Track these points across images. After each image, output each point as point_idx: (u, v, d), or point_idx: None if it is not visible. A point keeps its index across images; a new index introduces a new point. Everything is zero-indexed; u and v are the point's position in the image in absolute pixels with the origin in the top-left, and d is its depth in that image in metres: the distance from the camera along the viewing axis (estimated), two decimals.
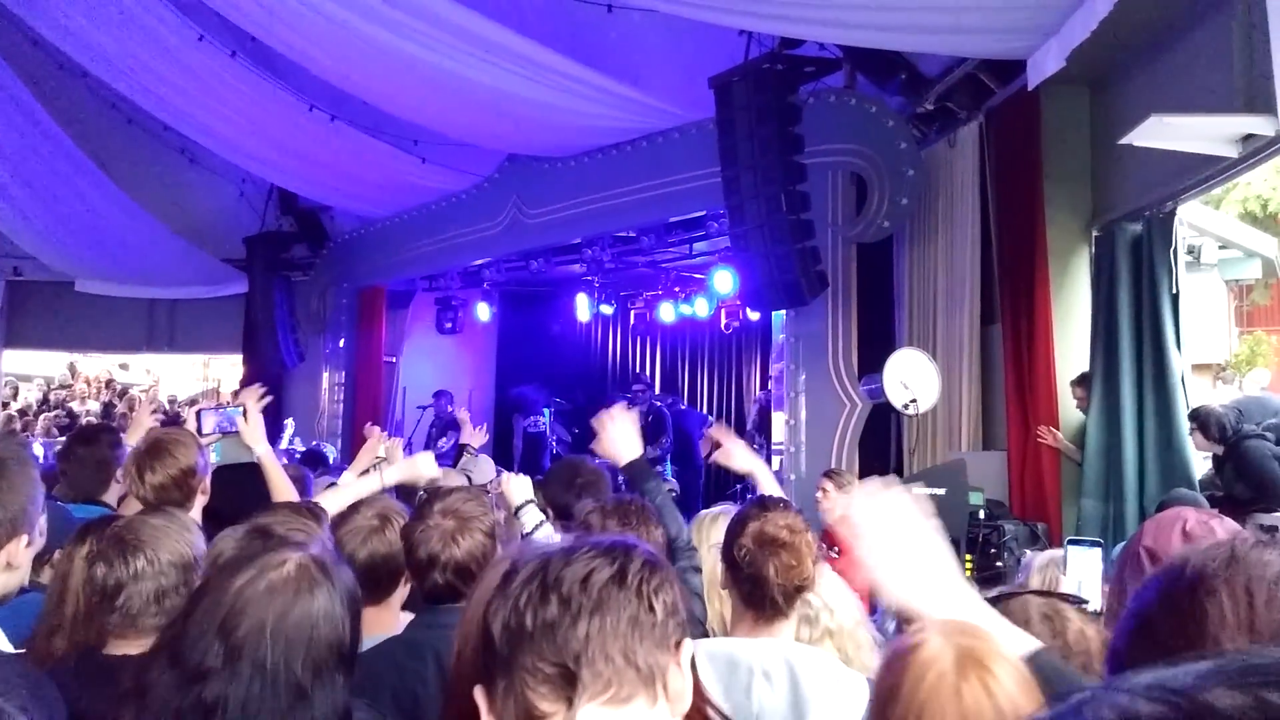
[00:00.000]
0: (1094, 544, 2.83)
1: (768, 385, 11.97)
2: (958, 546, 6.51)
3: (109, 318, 16.80)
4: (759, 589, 2.69)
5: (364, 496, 3.74)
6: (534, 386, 14.73)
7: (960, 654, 1.58)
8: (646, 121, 9.80)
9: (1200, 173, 6.14)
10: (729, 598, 2.90)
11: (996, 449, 7.80)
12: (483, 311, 15.00)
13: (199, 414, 4.35)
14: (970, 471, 6.68)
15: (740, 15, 7.53)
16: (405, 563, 2.94)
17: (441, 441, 12.81)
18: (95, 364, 20.39)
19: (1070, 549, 2.87)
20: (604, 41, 8.57)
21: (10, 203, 13.35)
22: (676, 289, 14.03)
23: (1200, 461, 6.82)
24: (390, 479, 4.24)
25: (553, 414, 14.33)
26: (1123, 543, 2.67)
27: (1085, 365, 7.15)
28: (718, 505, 4.34)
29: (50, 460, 6.19)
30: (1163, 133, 5.66)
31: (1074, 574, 2.77)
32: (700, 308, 13.29)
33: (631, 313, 15.87)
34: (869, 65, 8.26)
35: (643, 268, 13.15)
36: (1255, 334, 14.80)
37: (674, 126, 9.80)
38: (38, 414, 17.40)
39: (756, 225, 8.02)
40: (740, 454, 4.11)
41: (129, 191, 13.49)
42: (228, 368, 19.57)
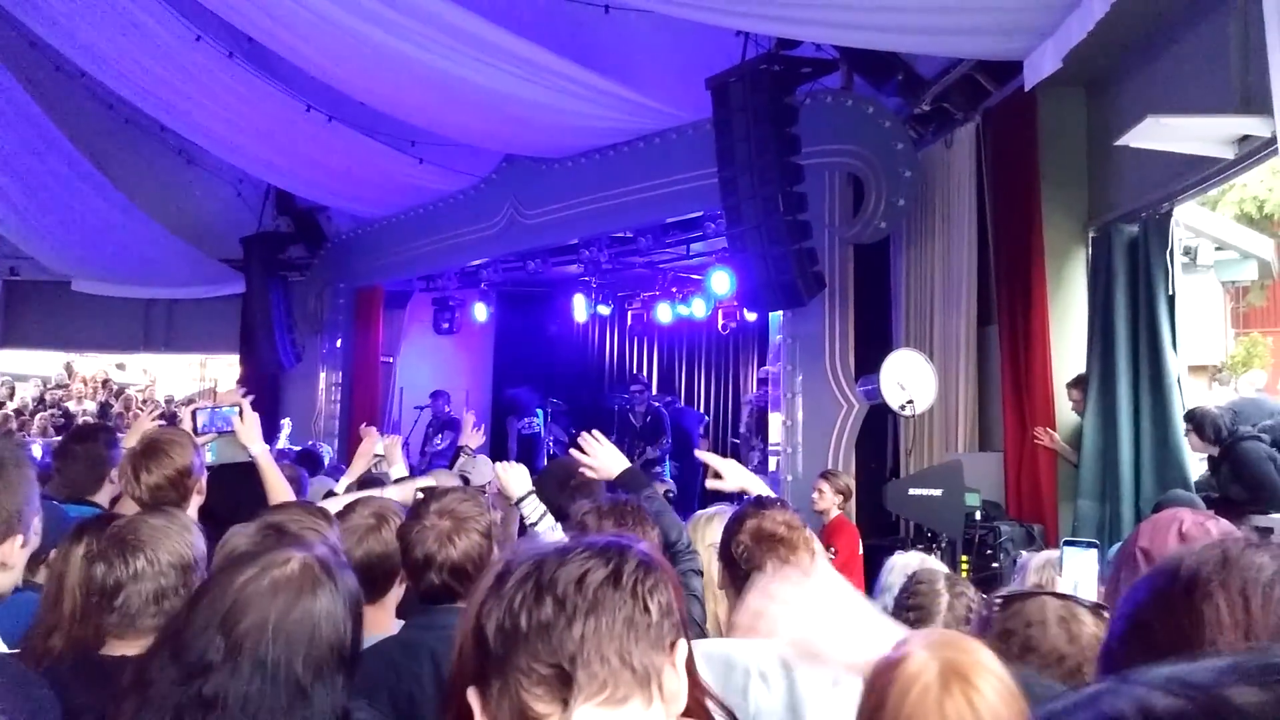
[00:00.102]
0: (1090, 545, 2.82)
1: (764, 386, 11.97)
2: (954, 547, 6.52)
3: (106, 317, 16.82)
4: None
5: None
6: (527, 388, 14.73)
7: (944, 667, 1.58)
8: (643, 122, 9.80)
9: (1197, 174, 6.15)
10: (726, 598, 2.89)
11: (993, 450, 7.80)
12: (480, 312, 14.99)
13: (194, 413, 4.34)
14: (967, 472, 6.69)
15: (737, 16, 7.53)
16: (401, 562, 2.94)
17: (438, 440, 12.82)
18: (92, 364, 20.36)
19: (1066, 550, 2.86)
20: (601, 42, 8.56)
21: (7, 202, 13.36)
22: (674, 290, 14.04)
23: (1196, 463, 6.82)
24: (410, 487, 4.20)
25: (550, 415, 14.34)
26: (1118, 544, 2.67)
27: (1082, 366, 7.15)
28: (714, 506, 4.34)
29: (46, 459, 6.19)
30: (1159, 134, 5.66)
31: (1070, 575, 2.76)
32: (697, 308, 13.29)
33: (629, 313, 15.86)
34: (866, 66, 8.27)
35: (640, 268, 13.14)
36: (1251, 335, 14.81)
37: (671, 127, 9.80)
38: (34, 413, 17.37)
39: (753, 226, 8.01)
40: (732, 473, 3.90)
41: (126, 192, 13.50)
42: (225, 368, 19.56)
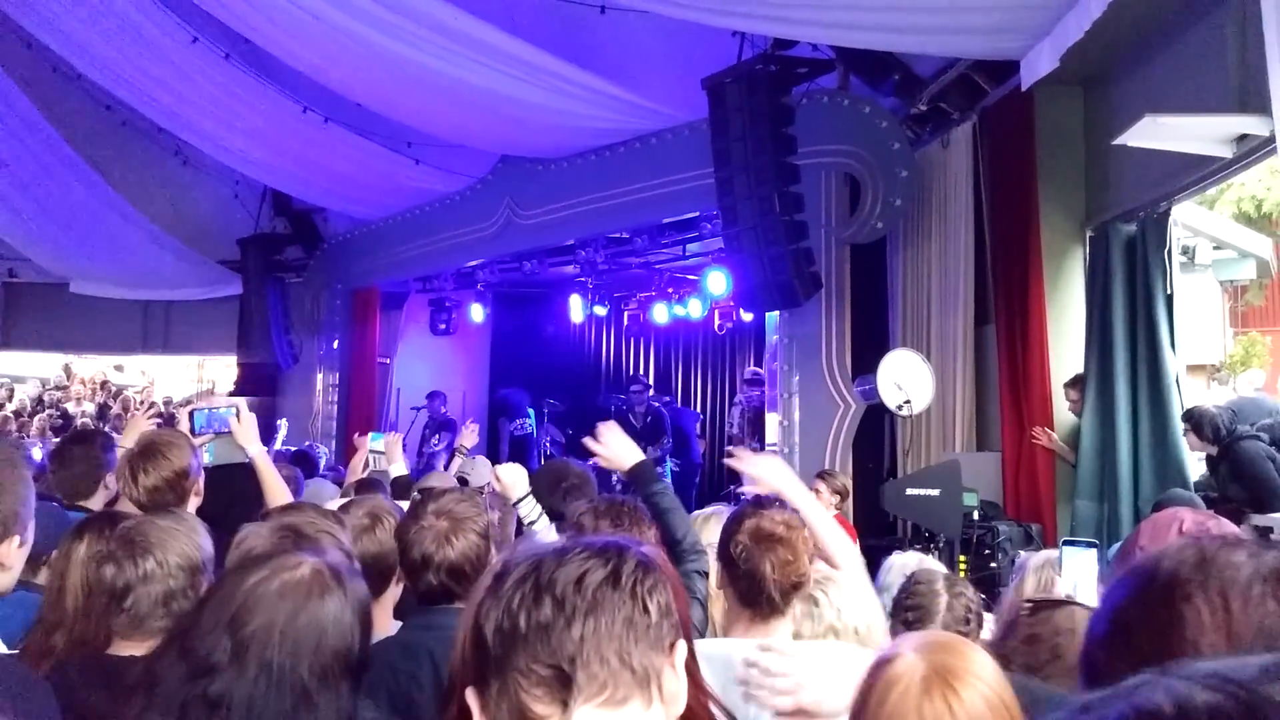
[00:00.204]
0: (1089, 545, 2.82)
1: (759, 387, 11.97)
2: (952, 547, 6.52)
3: (104, 319, 16.81)
4: (755, 586, 2.67)
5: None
6: (518, 389, 14.73)
7: (930, 670, 1.58)
8: (640, 123, 9.80)
9: (1195, 173, 6.15)
10: (724, 597, 2.89)
11: (991, 450, 7.80)
12: (476, 313, 14.98)
13: (191, 414, 4.34)
14: (964, 472, 6.69)
15: (733, 16, 7.53)
16: (399, 563, 2.94)
17: (434, 441, 12.81)
18: (90, 365, 20.36)
19: (1065, 550, 2.86)
20: (597, 42, 8.57)
21: (5, 204, 13.37)
22: (670, 290, 14.02)
23: (1195, 462, 6.82)
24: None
25: (546, 415, 14.33)
26: (1118, 544, 2.67)
27: (1080, 366, 7.15)
28: (711, 506, 4.33)
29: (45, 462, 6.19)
30: (1157, 133, 5.66)
31: (1069, 575, 2.77)
32: (694, 309, 13.26)
33: (625, 314, 15.84)
34: (862, 66, 8.27)
35: (636, 269, 13.13)
36: (1250, 335, 14.84)
37: (667, 128, 9.79)
38: (33, 414, 17.36)
39: (750, 226, 8.01)
40: (770, 473, 3.30)
41: (123, 193, 13.52)
42: (222, 369, 19.56)
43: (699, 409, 15.11)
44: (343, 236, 14.82)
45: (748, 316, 12.32)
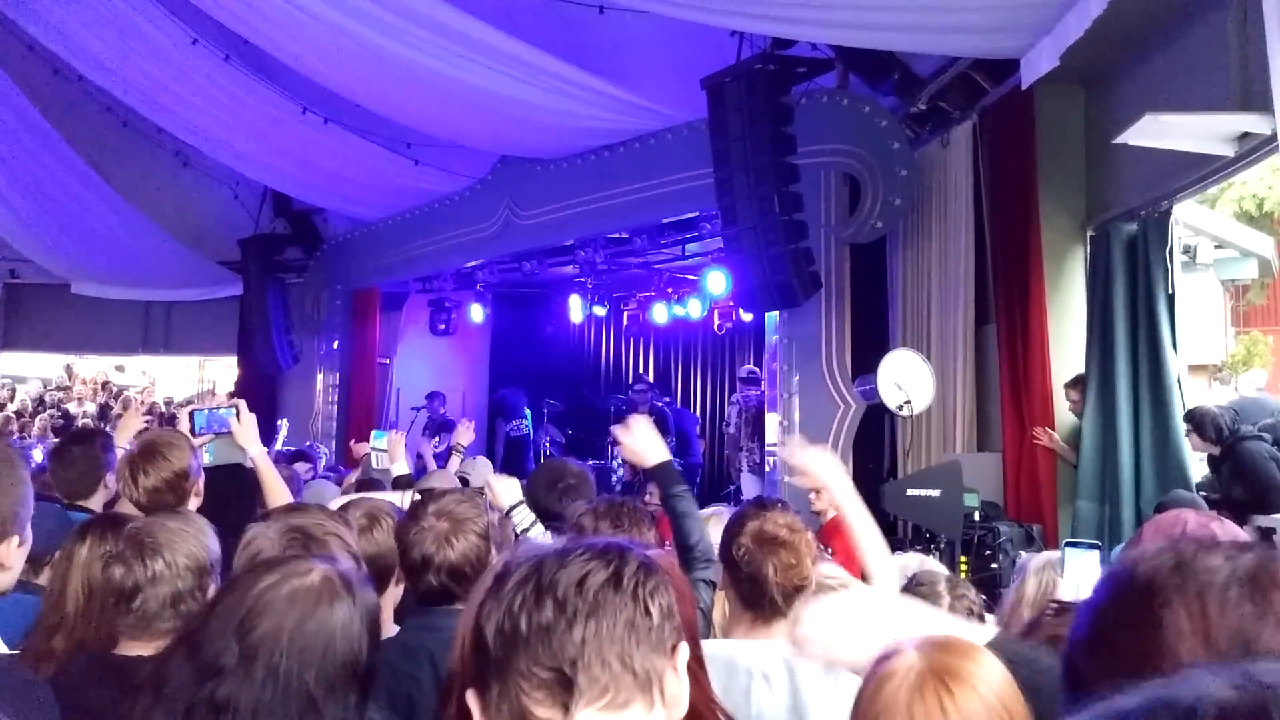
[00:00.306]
0: (1092, 547, 2.81)
1: (756, 386, 11.96)
2: (953, 548, 6.51)
3: (105, 320, 16.84)
4: (758, 588, 2.67)
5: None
6: (515, 390, 14.73)
7: (927, 669, 1.57)
8: (639, 122, 9.79)
9: (1196, 172, 6.14)
10: (725, 599, 2.88)
11: (991, 450, 7.79)
12: (476, 313, 14.97)
13: (191, 414, 4.33)
14: (965, 473, 6.68)
15: (732, 16, 7.52)
16: (399, 564, 2.93)
17: (434, 442, 12.80)
18: (91, 366, 20.38)
19: (1068, 551, 2.85)
20: (596, 43, 8.56)
21: (6, 206, 13.37)
22: (669, 290, 14.00)
23: (1196, 463, 6.81)
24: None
25: (545, 416, 14.33)
26: (1120, 545, 2.66)
27: (1081, 365, 7.14)
28: (710, 507, 4.33)
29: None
30: (1158, 131, 5.66)
31: (1071, 577, 2.75)
32: (693, 309, 13.26)
33: (624, 314, 15.83)
34: (861, 65, 8.26)
35: (635, 269, 13.13)
36: (1251, 334, 14.85)
37: (666, 127, 9.78)
38: (34, 414, 17.38)
39: (749, 226, 8.00)
40: (818, 467, 3.15)
41: (124, 194, 13.52)
42: (223, 369, 19.58)
43: (699, 409, 15.12)
44: (343, 237, 14.82)
45: (747, 316, 12.31)
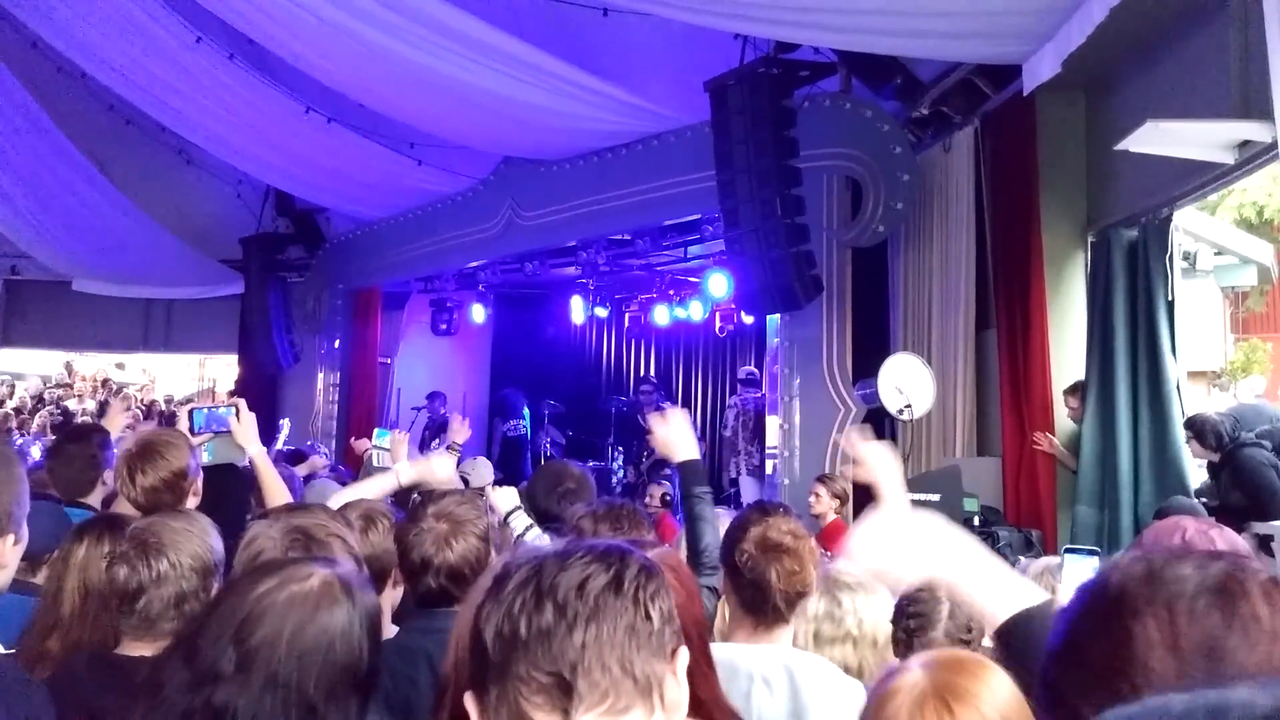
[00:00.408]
0: (1091, 553, 2.81)
1: (755, 388, 11.96)
2: None
3: (106, 317, 16.85)
4: (761, 595, 2.66)
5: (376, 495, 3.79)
6: (513, 389, 14.73)
7: (930, 688, 1.58)
8: (641, 125, 9.79)
9: (1196, 179, 6.14)
10: (726, 603, 2.88)
11: (991, 455, 7.79)
12: (477, 313, 14.98)
13: (191, 413, 4.33)
14: (965, 478, 6.67)
15: (735, 19, 7.52)
16: (399, 566, 2.93)
17: (435, 444, 12.80)
18: (92, 363, 20.38)
19: (1067, 558, 2.85)
20: (599, 45, 8.55)
21: (8, 202, 13.37)
22: (671, 292, 14.01)
23: (1195, 469, 6.81)
24: (406, 477, 4.24)
25: (546, 417, 14.33)
26: (1119, 551, 2.65)
27: (1081, 371, 7.14)
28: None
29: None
30: (1159, 138, 5.65)
31: (1069, 583, 2.76)
32: (694, 311, 13.26)
33: (626, 315, 15.84)
34: (864, 69, 8.26)
35: (637, 271, 13.15)
36: (1251, 341, 14.85)
37: (669, 130, 9.78)
38: (33, 411, 17.39)
39: (751, 229, 8.01)
40: (879, 462, 2.45)
41: (126, 192, 13.52)
42: (223, 368, 19.59)
43: (699, 411, 15.12)
44: (345, 236, 14.82)
45: (748, 319, 12.33)
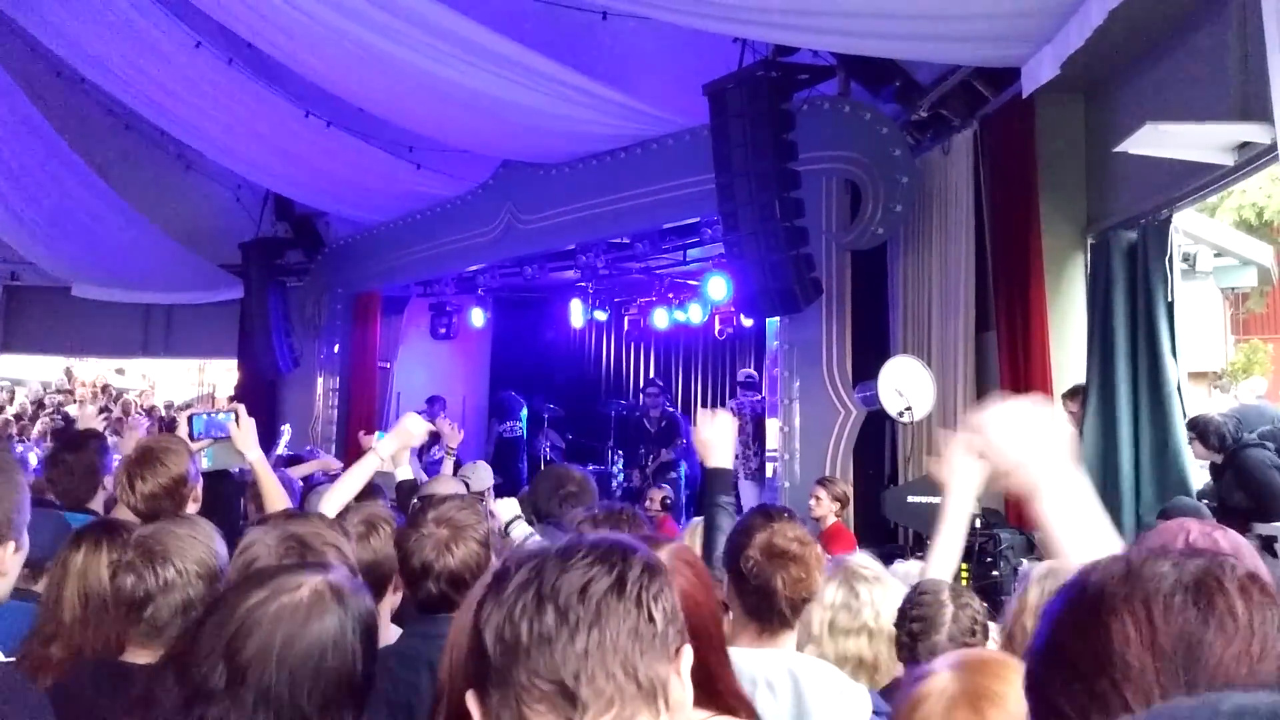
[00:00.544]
0: None
1: (754, 390, 11.96)
2: None
3: (105, 322, 16.82)
4: (766, 601, 2.65)
5: (360, 484, 3.79)
6: (511, 392, 14.73)
7: (959, 691, 1.57)
8: (641, 128, 9.79)
9: (1196, 181, 6.14)
10: (730, 608, 2.87)
11: None
12: (477, 317, 14.96)
13: (190, 419, 4.32)
14: None
15: (734, 23, 7.52)
16: (399, 571, 2.92)
17: (434, 449, 12.79)
18: (91, 369, 20.38)
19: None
20: (598, 48, 8.55)
21: (7, 208, 13.36)
22: (670, 295, 13.98)
23: (1197, 470, 6.80)
24: (385, 450, 4.23)
25: (546, 421, 14.32)
26: None
27: (1081, 373, 7.13)
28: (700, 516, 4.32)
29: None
30: (1158, 140, 5.66)
31: None
32: (694, 314, 13.24)
33: (625, 319, 15.81)
34: (863, 72, 8.26)
35: (637, 274, 13.12)
36: (1251, 342, 14.86)
37: (668, 133, 9.79)
38: (33, 418, 17.38)
39: (750, 232, 8.00)
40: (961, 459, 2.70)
41: (125, 197, 13.50)
42: (223, 373, 19.58)
43: (698, 414, 15.09)
44: (344, 241, 14.83)
45: (748, 322, 12.31)
